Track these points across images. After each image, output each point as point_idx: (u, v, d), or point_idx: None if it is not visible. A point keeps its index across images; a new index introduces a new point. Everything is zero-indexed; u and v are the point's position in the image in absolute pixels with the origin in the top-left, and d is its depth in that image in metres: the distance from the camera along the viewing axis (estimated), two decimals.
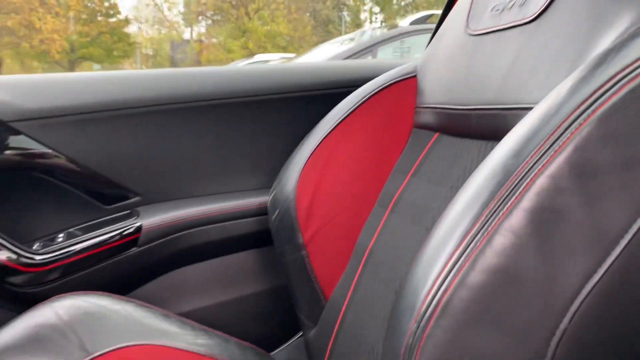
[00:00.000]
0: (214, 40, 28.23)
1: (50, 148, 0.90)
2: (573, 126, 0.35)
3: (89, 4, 26.09)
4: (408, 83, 0.85)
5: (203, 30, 29.40)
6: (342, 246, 0.83)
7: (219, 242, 0.98)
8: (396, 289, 0.65)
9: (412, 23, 4.30)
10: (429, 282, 0.36)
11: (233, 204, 1.00)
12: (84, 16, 25.34)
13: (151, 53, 33.44)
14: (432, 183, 0.72)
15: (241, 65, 7.77)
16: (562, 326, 0.35)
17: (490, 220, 0.35)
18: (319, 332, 0.82)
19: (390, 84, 0.85)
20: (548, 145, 0.35)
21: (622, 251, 0.34)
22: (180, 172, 1.00)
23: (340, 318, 0.76)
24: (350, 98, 0.88)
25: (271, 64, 1.23)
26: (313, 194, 0.84)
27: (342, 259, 0.83)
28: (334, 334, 0.77)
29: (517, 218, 0.35)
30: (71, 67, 28.70)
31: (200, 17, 28.13)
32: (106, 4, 27.07)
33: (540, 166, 0.35)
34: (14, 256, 0.85)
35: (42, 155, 0.90)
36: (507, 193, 0.36)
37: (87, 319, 0.75)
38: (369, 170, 0.85)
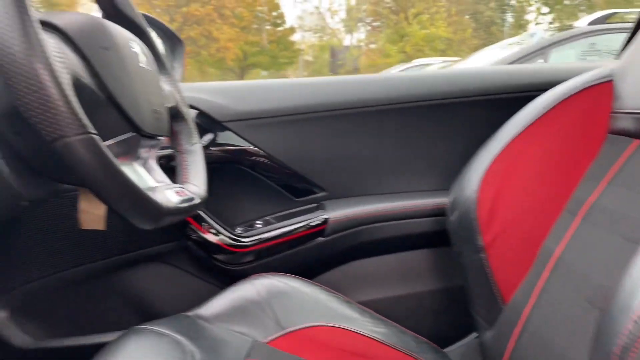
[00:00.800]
0: (373, 45, 28.70)
1: (254, 145, 1.02)
2: None
3: (259, 14, 28.14)
4: (603, 87, 0.82)
5: (362, 36, 30.05)
6: (524, 251, 0.83)
7: (396, 239, 1.03)
8: (589, 296, 0.64)
9: (591, 23, 3.97)
10: None
11: (410, 203, 1.04)
12: (254, 26, 27.42)
13: (311, 59, 35.06)
14: (631, 191, 0.69)
15: (400, 69, 7.78)
16: None
17: None
18: (497, 334, 0.83)
19: (584, 89, 0.82)
20: None
21: None
22: (363, 171, 1.07)
23: (522, 322, 0.76)
24: (539, 101, 0.87)
25: (451, 69, 1.26)
26: (495, 197, 0.85)
27: (524, 264, 0.82)
28: (514, 338, 0.77)
29: None
30: (242, 73, 31.22)
31: (360, 24, 28.79)
32: (274, 13, 29.01)
33: None
34: (224, 238, 0.98)
35: (247, 151, 1.03)
36: None
37: (281, 297, 0.84)
38: (556, 176, 0.83)
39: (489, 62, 3.77)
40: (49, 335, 1.02)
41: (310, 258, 1.03)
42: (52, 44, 0.49)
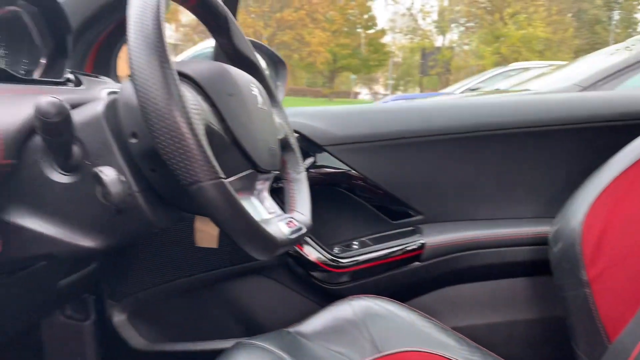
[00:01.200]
0: (466, 47, 27.96)
1: (352, 168, 1.06)
2: None
3: (351, 17, 28.32)
4: None
5: (455, 37, 29.35)
6: (634, 287, 0.80)
7: (494, 266, 1.03)
8: None
9: None
10: None
11: (510, 231, 1.03)
12: (345, 29, 27.65)
13: (401, 61, 34.73)
14: None
15: (496, 73, 7.51)
16: None
17: None
18: None
19: None
20: None
21: None
22: (461, 196, 1.07)
23: None
24: None
25: (557, 94, 1.22)
26: (603, 230, 0.82)
27: (633, 301, 0.79)
28: None
29: None
30: (331, 76, 31.57)
31: (453, 25, 28.16)
32: (365, 16, 29.08)
33: None
34: (322, 257, 1.03)
35: (345, 174, 1.07)
36: None
37: (377, 320, 0.87)
38: None
39: (588, 71, 3.55)
40: (160, 339, 1.11)
41: (405, 281, 1.04)
42: (187, 95, 0.55)
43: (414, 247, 1.02)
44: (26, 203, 0.59)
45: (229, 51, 0.76)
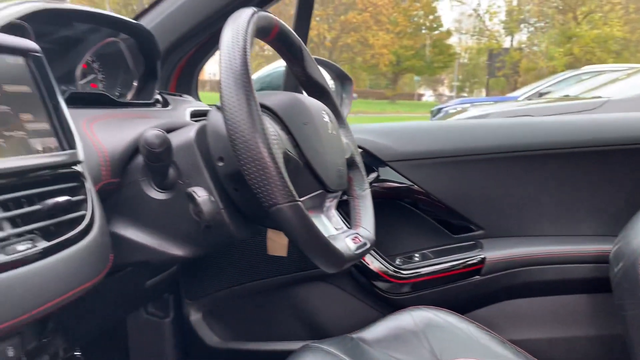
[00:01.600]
0: (535, 48, 27.00)
1: (414, 183, 1.10)
2: None
3: (415, 19, 28.02)
4: None
5: (524, 38, 28.40)
6: None
7: (554, 282, 1.04)
8: None
9: None
10: None
11: (571, 248, 1.04)
12: (409, 30, 27.37)
13: (467, 62, 33.97)
14: None
15: (567, 76, 7.23)
16: None
17: None
18: None
19: None
20: None
21: None
22: (522, 212, 1.09)
23: None
24: None
25: (618, 114, 1.20)
26: None
27: None
28: None
29: None
30: (395, 78, 31.36)
31: (522, 25, 27.26)
32: (430, 17, 28.69)
33: None
34: (384, 267, 1.08)
35: (408, 189, 1.11)
36: None
37: (437, 330, 0.91)
38: None
39: None
40: (232, 337, 1.20)
41: (465, 294, 1.08)
42: (268, 126, 0.62)
43: (475, 261, 1.06)
44: (127, 216, 0.68)
45: (302, 78, 0.82)
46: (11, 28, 0.62)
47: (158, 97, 0.97)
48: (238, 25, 0.61)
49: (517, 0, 26.48)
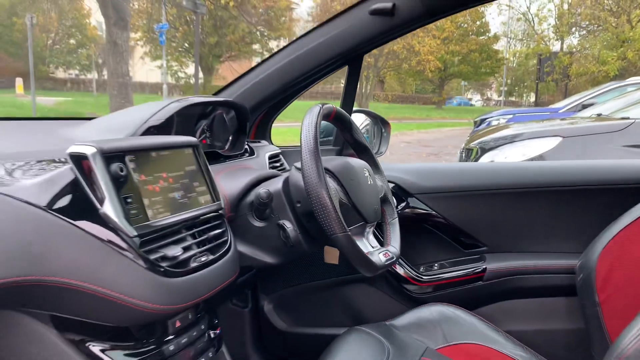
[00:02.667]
0: (586, 51, 26.39)
1: (434, 210, 1.46)
2: None
3: (462, 25, 27.91)
4: None
5: (574, 42, 27.79)
6: (630, 309, 1.12)
7: (538, 288, 1.38)
8: None
9: None
10: None
11: (551, 262, 1.38)
12: (456, 36, 27.32)
13: (516, 66, 33.43)
14: None
15: (610, 88, 7.26)
16: None
17: None
18: None
19: None
20: None
21: None
22: (516, 234, 1.43)
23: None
24: None
25: (590, 161, 1.47)
26: (610, 266, 1.15)
27: (630, 318, 1.12)
28: None
29: None
30: (441, 83, 31.31)
31: (573, 29, 26.73)
32: (477, 22, 28.55)
33: None
34: (410, 273, 1.44)
35: (429, 214, 1.47)
36: None
37: (448, 320, 1.25)
38: None
39: None
40: (295, 324, 1.58)
41: (471, 295, 1.42)
42: (329, 182, 1.00)
43: (479, 270, 1.41)
44: (239, 237, 1.07)
45: (350, 140, 1.20)
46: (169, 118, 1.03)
47: (246, 146, 1.37)
48: (312, 117, 0.99)
49: (568, 3, 25.98)
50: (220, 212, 0.94)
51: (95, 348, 0.76)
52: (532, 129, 3.78)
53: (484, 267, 1.41)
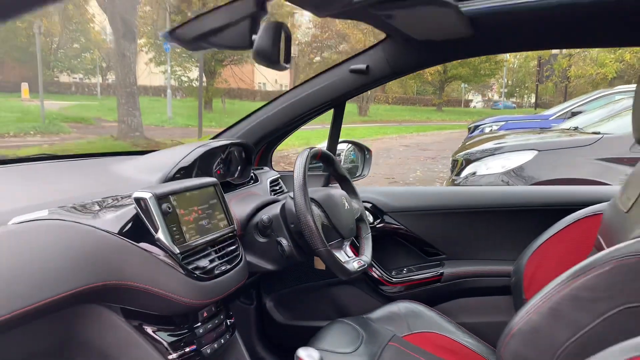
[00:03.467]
0: (585, 54, 26.64)
1: (403, 225, 1.80)
2: None
3: None
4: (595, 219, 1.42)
5: None
6: None
7: (485, 288, 1.73)
8: None
9: None
10: None
11: (494, 267, 1.73)
12: None
13: (515, 68, 33.64)
14: None
15: (598, 96, 7.55)
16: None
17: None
18: None
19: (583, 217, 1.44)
20: None
21: None
22: (467, 245, 1.78)
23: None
24: (568, 217, 1.49)
25: (523, 187, 1.81)
26: (534, 271, 1.49)
27: None
28: None
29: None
30: (441, 85, 31.60)
31: None
32: None
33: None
34: (383, 275, 1.78)
35: (400, 229, 1.82)
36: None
37: (413, 313, 1.59)
38: (573, 263, 1.45)
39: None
40: (291, 317, 1.92)
41: (432, 293, 1.77)
42: (314, 209, 1.34)
43: (438, 274, 1.75)
44: (247, 250, 1.41)
45: (334, 174, 1.54)
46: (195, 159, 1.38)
47: (252, 174, 1.71)
48: (302, 159, 1.33)
49: None
50: (234, 232, 1.28)
51: (149, 329, 1.09)
52: (511, 142, 4.12)
53: (442, 271, 1.75)
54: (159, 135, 12.07)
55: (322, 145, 1.96)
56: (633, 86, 8.09)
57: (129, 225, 1.05)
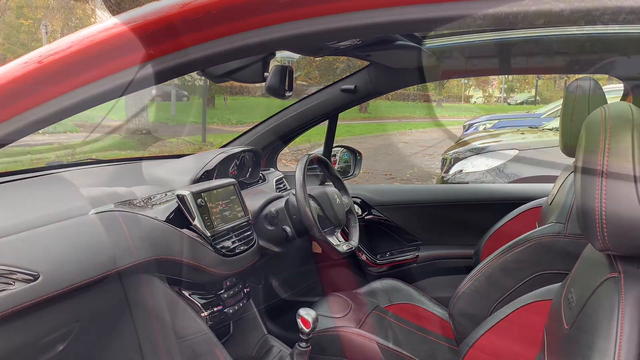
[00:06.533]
0: None
1: (387, 218, 2.17)
2: None
3: None
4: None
5: None
6: None
7: (452, 268, 2.10)
8: None
9: None
10: None
11: (460, 251, 2.10)
12: None
13: None
14: None
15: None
16: None
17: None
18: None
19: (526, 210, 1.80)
20: None
21: None
22: (439, 232, 2.15)
23: None
24: (515, 210, 1.85)
25: (481, 185, 2.20)
26: (490, 253, 1.85)
27: None
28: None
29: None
30: (441, 82, 31.77)
31: None
32: None
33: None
34: (369, 258, 2.15)
35: (384, 220, 2.18)
36: None
37: (393, 289, 1.96)
38: None
39: None
40: (293, 294, 2.28)
41: (410, 272, 2.14)
42: (312, 203, 1.70)
43: (414, 256, 2.12)
44: (259, 235, 1.77)
45: (328, 175, 1.91)
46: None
47: (260, 174, 2.08)
48: (302, 164, 1.69)
49: None
50: (248, 221, 1.64)
51: (186, 293, 1.45)
52: (494, 142, 4.49)
53: (417, 254, 2.12)
54: (163, 132, 12.42)
55: (319, 150, 2.33)
56: (620, 86, 8.54)
57: (173, 215, 1.41)
